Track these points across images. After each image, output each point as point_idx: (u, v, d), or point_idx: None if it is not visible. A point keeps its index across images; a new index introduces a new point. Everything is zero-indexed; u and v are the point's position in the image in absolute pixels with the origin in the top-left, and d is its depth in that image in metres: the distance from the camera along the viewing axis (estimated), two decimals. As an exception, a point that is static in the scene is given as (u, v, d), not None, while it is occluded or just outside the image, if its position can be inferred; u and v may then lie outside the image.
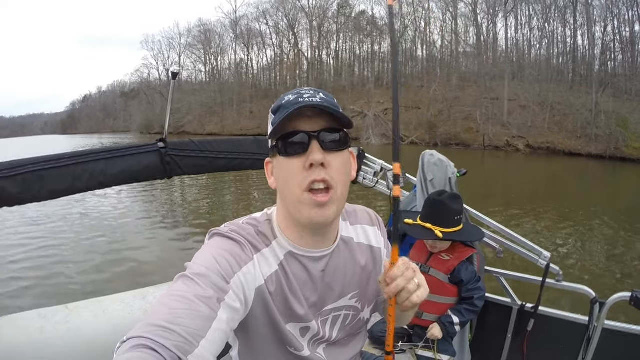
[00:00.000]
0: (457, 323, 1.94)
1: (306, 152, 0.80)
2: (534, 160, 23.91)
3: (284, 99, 0.84)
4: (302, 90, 0.85)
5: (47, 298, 4.88)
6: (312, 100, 0.81)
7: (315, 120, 0.81)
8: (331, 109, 0.79)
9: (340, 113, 0.81)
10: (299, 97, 0.82)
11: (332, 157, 0.81)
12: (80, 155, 1.56)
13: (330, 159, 0.81)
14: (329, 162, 0.80)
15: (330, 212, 0.82)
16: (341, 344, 1.02)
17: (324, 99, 0.83)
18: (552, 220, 8.99)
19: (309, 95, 0.82)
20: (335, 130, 0.83)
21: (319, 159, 0.79)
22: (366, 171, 2.36)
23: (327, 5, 49.36)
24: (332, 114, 0.81)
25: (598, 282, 5.44)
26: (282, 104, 0.84)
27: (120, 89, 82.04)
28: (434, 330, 1.93)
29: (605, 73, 29.88)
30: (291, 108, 0.79)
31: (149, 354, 0.59)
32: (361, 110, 36.74)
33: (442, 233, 1.92)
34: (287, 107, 0.81)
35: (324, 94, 0.85)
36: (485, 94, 31.93)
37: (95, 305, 1.70)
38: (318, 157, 0.79)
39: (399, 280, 0.78)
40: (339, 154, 0.83)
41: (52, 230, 8.21)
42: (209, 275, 0.74)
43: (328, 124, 0.82)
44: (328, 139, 0.81)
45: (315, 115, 0.81)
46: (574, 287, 2.02)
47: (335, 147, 0.82)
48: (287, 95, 0.85)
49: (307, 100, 0.80)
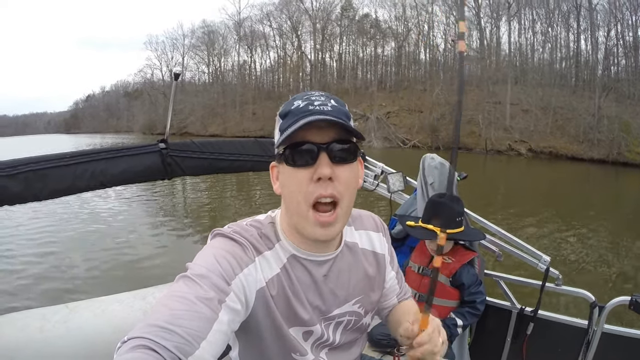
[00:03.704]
0: (460, 325, 1.93)
1: (314, 164, 0.78)
2: (536, 165, 23.87)
3: (293, 104, 0.81)
4: (312, 96, 0.82)
5: (47, 297, 4.87)
6: (324, 109, 0.78)
7: (325, 131, 0.79)
8: (342, 123, 0.77)
9: (350, 126, 0.79)
10: (309, 105, 0.79)
11: (341, 170, 0.80)
12: (81, 154, 1.57)
13: (339, 172, 0.79)
14: (337, 175, 0.79)
15: (335, 230, 0.82)
16: (343, 348, 1.01)
17: (335, 107, 0.80)
18: (552, 225, 8.95)
19: (320, 103, 0.80)
20: (345, 141, 0.80)
21: (327, 174, 0.77)
22: (367, 174, 2.36)
23: (331, 8, 49.49)
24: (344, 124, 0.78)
25: (598, 287, 5.43)
26: (291, 109, 0.80)
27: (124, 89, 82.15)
28: None
29: (608, 78, 29.79)
30: (300, 116, 0.77)
31: (150, 355, 0.58)
32: (363, 113, 36.75)
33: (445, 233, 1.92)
34: (296, 113, 0.79)
35: (335, 100, 0.83)
36: (488, 98, 31.87)
37: (95, 305, 1.70)
38: (326, 171, 0.77)
39: (427, 345, 0.80)
40: (347, 166, 0.81)
41: (52, 229, 8.20)
42: (210, 276, 0.74)
43: (338, 135, 0.80)
44: (337, 150, 0.79)
45: (325, 126, 0.78)
46: (574, 291, 2.02)
47: (344, 159, 0.80)
48: (297, 100, 0.82)
49: (317, 108, 0.78)
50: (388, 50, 46.51)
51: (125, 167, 1.65)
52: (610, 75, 30.31)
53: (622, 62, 30.76)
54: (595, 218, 9.85)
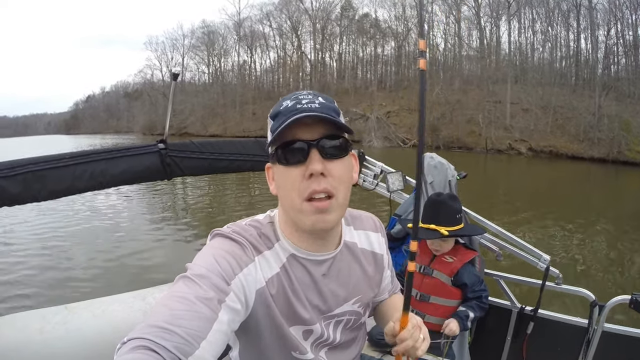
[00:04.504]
0: (471, 318, 1.91)
1: (306, 162, 0.79)
2: (536, 164, 23.84)
3: (282, 105, 0.82)
4: (300, 95, 0.83)
5: (47, 298, 4.87)
6: (311, 106, 0.79)
7: (315, 128, 0.80)
8: (330, 118, 0.78)
9: (339, 121, 0.80)
10: (297, 104, 0.80)
11: (333, 164, 0.80)
12: (80, 155, 1.56)
13: (331, 167, 0.80)
14: (329, 170, 0.79)
15: (332, 217, 0.82)
16: (343, 347, 1.02)
17: (323, 103, 0.81)
18: (552, 224, 8.95)
19: (307, 101, 0.80)
20: (335, 137, 0.81)
21: (319, 169, 0.78)
22: (366, 173, 2.36)
23: (331, 8, 49.56)
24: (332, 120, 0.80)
25: (598, 285, 5.44)
26: (280, 110, 0.82)
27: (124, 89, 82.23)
28: (451, 325, 1.85)
29: (609, 76, 29.78)
30: (289, 115, 0.78)
31: (150, 355, 0.59)
32: (363, 113, 36.75)
33: (447, 231, 1.93)
34: (285, 114, 0.80)
35: (323, 97, 0.83)
36: (488, 97, 31.88)
37: (95, 306, 1.70)
38: (318, 167, 0.78)
39: (409, 341, 0.87)
40: (339, 161, 0.82)
41: (52, 229, 8.21)
42: (209, 276, 0.74)
43: (327, 131, 0.80)
44: (328, 147, 0.80)
45: (314, 123, 0.79)
46: (574, 290, 2.02)
47: (335, 154, 0.81)
48: (285, 101, 0.83)
49: (305, 106, 0.79)
50: (388, 49, 46.61)
51: (125, 168, 1.65)
52: (610, 74, 30.30)
53: (622, 61, 30.76)
54: (596, 217, 9.85)
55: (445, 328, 1.86)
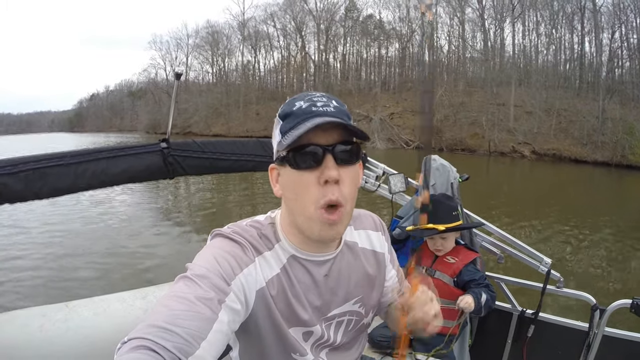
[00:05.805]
0: (484, 299, 1.88)
1: (318, 167, 0.77)
2: (539, 167, 23.79)
3: (295, 106, 0.80)
4: (314, 97, 0.81)
5: (48, 296, 4.88)
6: (327, 110, 0.78)
7: (330, 133, 0.78)
8: (349, 125, 0.77)
9: (357, 129, 0.79)
10: (312, 106, 0.78)
11: (345, 171, 0.79)
12: (82, 153, 1.57)
13: (343, 174, 0.79)
14: (342, 178, 0.78)
15: (341, 229, 0.82)
16: (343, 349, 1.01)
17: (337, 107, 0.80)
18: (555, 227, 8.93)
19: (322, 104, 0.79)
20: (347, 142, 0.80)
21: (335, 176, 0.77)
22: (368, 175, 2.36)
23: (335, 9, 49.40)
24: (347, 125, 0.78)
25: (599, 289, 5.42)
26: (293, 110, 0.79)
27: (128, 88, 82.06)
28: (467, 298, 1.84)
29: (613, 80, 29.60)
30: (304, 117, 0.77)
31: (150, 355, 0.59)
32: (367, 114, 36.72)
33: (444, 227, 1.94)
34: (298, 115, 0.78)
35: (336, 101, 0.82)
36: (492, 100, 31.78)
37: (96, 304, 1.70)
38: (333, 173, 0.76)
39: (416, 304, 0.85)
40: (350, 168, 0.81)
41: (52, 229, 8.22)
42: (209, 276, 0.74)
43: (342, 137, 0.79)
44: (341, 151, 0.78)
45: (330, 127, 0.77)
46: (575, 294, 2.02)
47: (348, 160, 0.80)
48: (298, 101, 0.81)
49: (321, 109, 0.78)
50: (392, 51, 46.52)
51: (127, 167, 1.65)
52: (614, 77, 30.13)
53: (626, 64, 30.60)
54: (598, 221, 9.81)
55: (461, 302, 1.84)
